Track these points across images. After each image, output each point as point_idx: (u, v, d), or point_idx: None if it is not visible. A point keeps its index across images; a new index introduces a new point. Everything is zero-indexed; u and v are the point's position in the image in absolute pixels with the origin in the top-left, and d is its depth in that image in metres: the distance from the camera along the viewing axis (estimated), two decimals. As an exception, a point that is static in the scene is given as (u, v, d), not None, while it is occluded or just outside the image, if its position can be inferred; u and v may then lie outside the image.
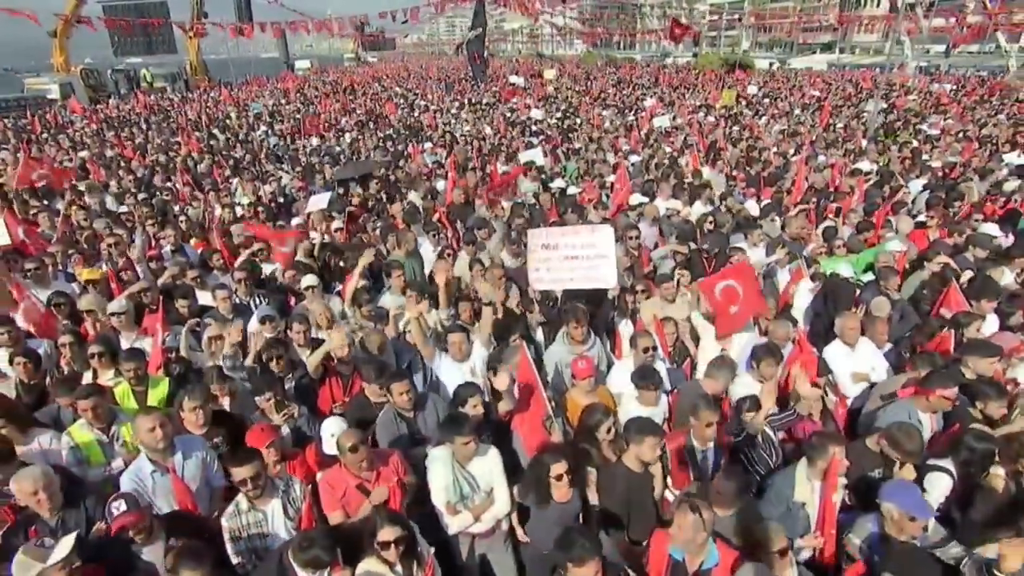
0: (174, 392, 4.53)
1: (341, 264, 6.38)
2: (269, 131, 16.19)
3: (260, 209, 8.25)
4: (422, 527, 3.05)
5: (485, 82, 30.52)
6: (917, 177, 9.83)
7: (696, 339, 5.01)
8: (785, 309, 5.55)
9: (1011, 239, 6.86)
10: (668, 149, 12.37)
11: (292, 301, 5.77)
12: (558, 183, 9.39)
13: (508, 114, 18.18)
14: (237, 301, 5.56)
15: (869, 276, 6.08)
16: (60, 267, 6.60)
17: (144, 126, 18.45)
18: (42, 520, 3.15)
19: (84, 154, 12.76)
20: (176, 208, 8.74)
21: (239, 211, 8.25)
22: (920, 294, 5.80)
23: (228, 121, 18.91)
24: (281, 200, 9.18)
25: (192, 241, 7.47)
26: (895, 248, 6.26)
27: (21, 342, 4.88)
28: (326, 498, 3.26)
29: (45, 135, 16.61)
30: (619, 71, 39.78)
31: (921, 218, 7.81)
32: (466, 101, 22.75)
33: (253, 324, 5.23)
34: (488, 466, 3.45)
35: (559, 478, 3.34)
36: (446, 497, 3.36)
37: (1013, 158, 10.66)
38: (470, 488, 3.40)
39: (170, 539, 2.95)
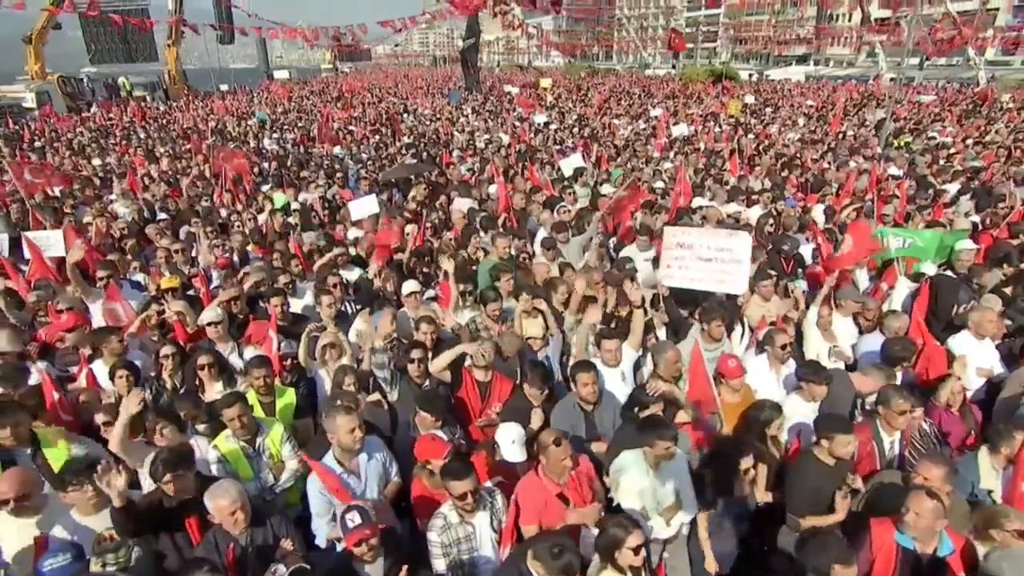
0: (300, 402, 4.41)
1: (425, 270, 6.27)
2: (282, 139, 15.93)
3: (313, 215, 8.12)
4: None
5: (481, 91, 30.70)
6: (946, 182, 10.22)
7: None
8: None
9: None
10: (695, 156, 12.59)
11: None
12: (607, 188, 9.44)
13: (518, 123, 18.27)
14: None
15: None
16: (123, 276, 6.35)
17: (142, 134, 17.93)
18: (233, 538, 3.00)
19: (96, 162, 12.31)
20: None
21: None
22: (1000, 292, 6.00)
23: (229, 130, 18.52)
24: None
25: (250, 247, 7.27)
26: (969, 246, 6.48)
27: (125, 353, 4.66)
28: (527, 508, 3.16)
29: (40, 143, 15.99)
30: (604, 81, 40.46)
31: (974, 218, 8.11)
32: (470, 110, 22.80)
33: (353, 332, 5.12)
34: (676, 469, 3.41)
35: (746, 472, 3.36)
36: (641, 502, 3.31)
37: (1034, 163, 11.16)
38: (663, 492, 3.35)
39: (388, 555, 2.82)
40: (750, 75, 51.16)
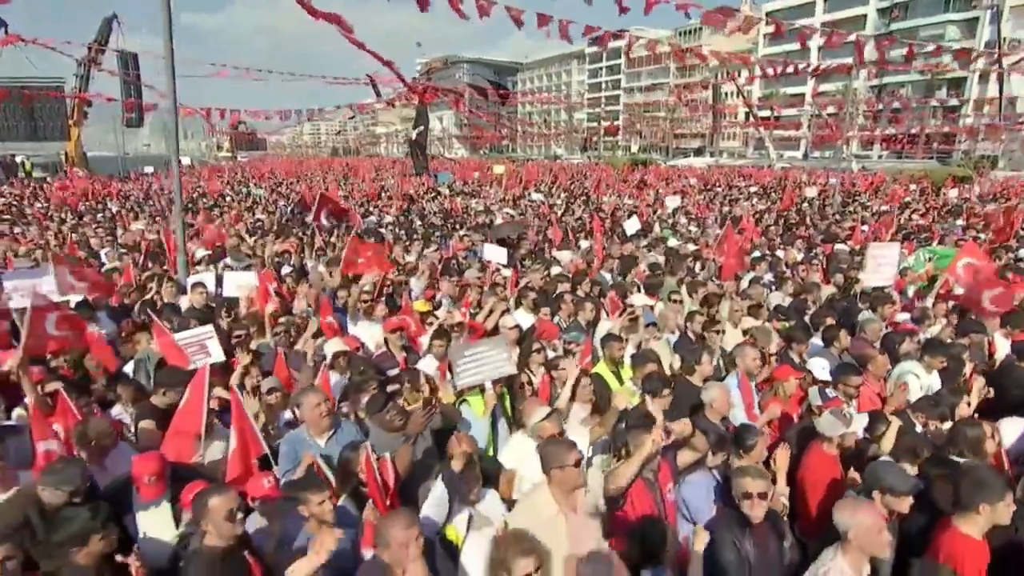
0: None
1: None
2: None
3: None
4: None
5: (429, 174, 33.34)
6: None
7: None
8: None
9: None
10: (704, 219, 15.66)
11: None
12: (673, 241, 11.92)
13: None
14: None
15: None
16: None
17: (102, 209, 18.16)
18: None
19: (139, 225, 12.74)
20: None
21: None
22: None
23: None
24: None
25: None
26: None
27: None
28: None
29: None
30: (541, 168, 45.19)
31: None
32: (448, 190, 25.23)
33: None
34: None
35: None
36: (921, 393, 5.23)
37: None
38: (933, 386, 5.33)
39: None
40: (659, 164, 59.31)
